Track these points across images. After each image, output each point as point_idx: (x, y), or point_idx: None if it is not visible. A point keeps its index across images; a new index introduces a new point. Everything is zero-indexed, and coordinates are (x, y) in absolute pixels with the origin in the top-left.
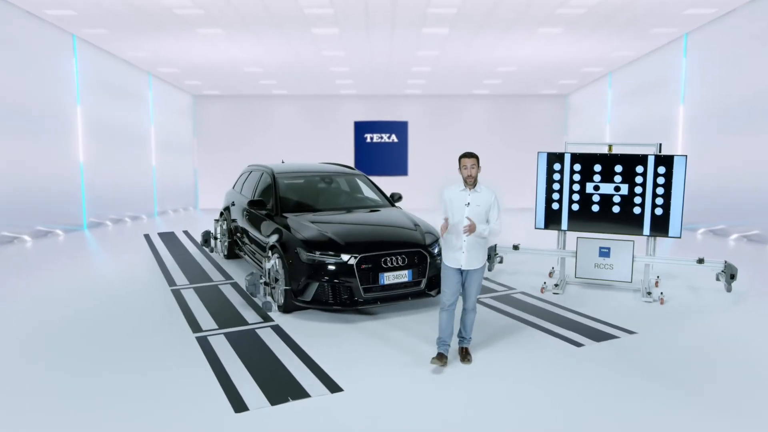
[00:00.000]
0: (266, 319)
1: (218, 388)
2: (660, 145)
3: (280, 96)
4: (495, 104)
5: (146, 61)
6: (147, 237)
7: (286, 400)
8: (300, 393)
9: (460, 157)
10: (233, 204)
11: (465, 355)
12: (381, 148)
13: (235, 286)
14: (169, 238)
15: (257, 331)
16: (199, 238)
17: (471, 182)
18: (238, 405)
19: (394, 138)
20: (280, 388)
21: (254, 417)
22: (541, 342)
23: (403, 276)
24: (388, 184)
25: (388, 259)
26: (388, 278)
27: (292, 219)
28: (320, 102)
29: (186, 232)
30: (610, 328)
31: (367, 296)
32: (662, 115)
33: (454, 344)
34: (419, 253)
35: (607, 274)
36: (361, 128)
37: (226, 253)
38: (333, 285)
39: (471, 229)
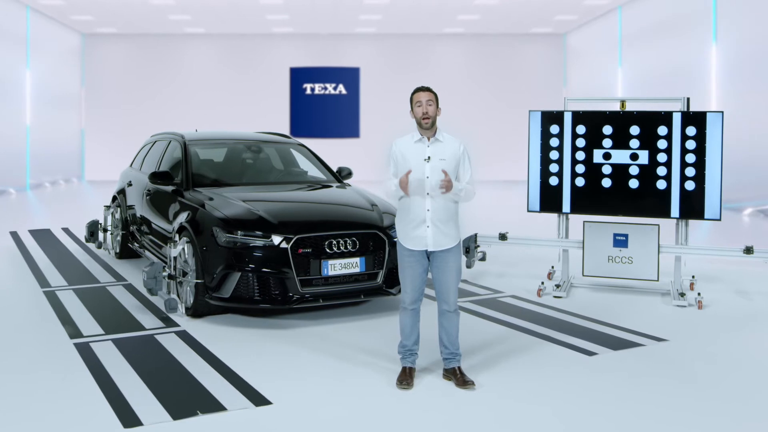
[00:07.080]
0: (169, 323)
1: (102, 399)
2: (687, 99)
3: (196, 35)
4: (472, 46)
5: None
6: (14, 235)
7: (194, 414)
8: (213, 406)
9: (412, 93)
10: (130, 185)
11: (461, 378)
12: (324, 103)
13: (130, 288)
14: (42, 234)
15: (157, 337)
16: (83, 234)
17: (428, 125)
18: (128, 419)
19: (341, 89)
20: (186, 400)
21: None
22: (540, 350)
23: (354, 265)
24: (333, 149)
25: (334, 242)
26: (334, 268)
27: (208, 193)
28: (247, 43)
29: (66, 230)
30: (632, 335)
31: (305, 291)
32: (689, 60)
33: (430, 357)
34: (375, 237)
35: (624, 271)
36: (299, 76)
37: (118, 250)
38: (260, 276)
39: (447, 185)
